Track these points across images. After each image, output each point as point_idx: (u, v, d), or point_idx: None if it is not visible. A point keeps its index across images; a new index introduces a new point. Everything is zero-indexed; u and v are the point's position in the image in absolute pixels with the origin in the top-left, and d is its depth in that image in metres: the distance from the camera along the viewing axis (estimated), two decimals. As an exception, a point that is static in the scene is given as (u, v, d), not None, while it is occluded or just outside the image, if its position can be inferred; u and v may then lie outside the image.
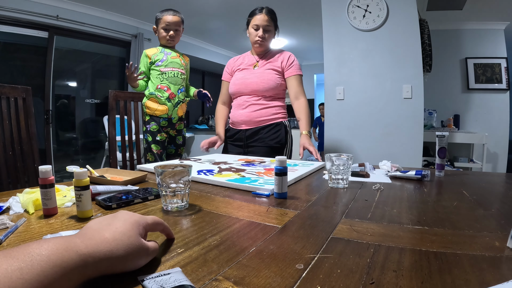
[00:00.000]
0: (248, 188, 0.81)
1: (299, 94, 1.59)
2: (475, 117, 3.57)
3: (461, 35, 3.59)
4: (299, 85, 1.60)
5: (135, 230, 0.37)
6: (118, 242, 0.34)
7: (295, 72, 1.60)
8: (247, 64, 1.66)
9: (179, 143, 1.97)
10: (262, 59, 1.64)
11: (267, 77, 1.57)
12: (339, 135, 2.55)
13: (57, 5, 3.19)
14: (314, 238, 0.47)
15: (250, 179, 0.88)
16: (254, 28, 1.55)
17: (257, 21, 1.54)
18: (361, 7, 2.38)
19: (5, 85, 1.24)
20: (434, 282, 0.34)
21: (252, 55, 1.68)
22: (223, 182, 0.87)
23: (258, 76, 1.58)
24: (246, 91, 1.60)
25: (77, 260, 0.29)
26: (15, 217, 0.57)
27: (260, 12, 1.54)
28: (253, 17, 1.56)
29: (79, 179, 0.56)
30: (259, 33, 1.54)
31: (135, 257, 0.36)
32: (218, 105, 1.78)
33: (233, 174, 0.97)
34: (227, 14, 3.86)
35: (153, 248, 0.39)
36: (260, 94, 1.58)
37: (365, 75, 2.42)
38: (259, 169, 1.06)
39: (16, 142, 1.25)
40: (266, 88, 1.56)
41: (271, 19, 1.55)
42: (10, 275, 0.24)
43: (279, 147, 1.56)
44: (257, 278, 0.35)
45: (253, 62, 1.65)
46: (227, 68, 1.74)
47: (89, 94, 3.99)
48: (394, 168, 1.07)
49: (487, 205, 0.67)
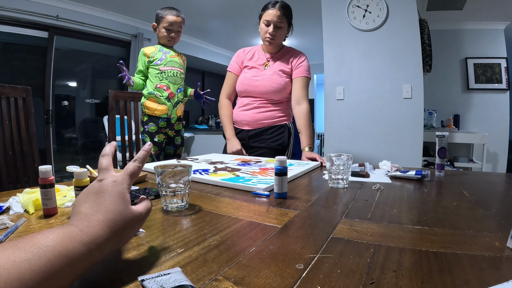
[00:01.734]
0: (241, 187, 0.82)
1: (301, 99, 1.49)
2: (475, 117, 3.57)
3: (461, 35, 3.59)
4: (303, 88, 1.50)
5: (124, 201, 0.38)
6: (114, 222, 0.35)
7: (302, 74, 1.51)
8: (257, 62, 1.56)
9: (177, 143, 1.97)
10: (273, 58, 1.54)
11: (276, 81, 1.50)
12: (339, 135, 2.55)
13: (57, 5, 3.19)
14: (314, 238, 0.47)
15: (244, 178, 0.89)
16: (265, 24, 1.44)
17: (269, 16, 1.41)
18: (361, 7, 2.38)
19: (5, 85, 1.24)
20: (434, 282, 0.34)
21: (263, 52, 1.57)
22: (217, 181, 0.88)
23: (267, 79, 1.50)
24: (253, 93, 1.53)
25: (82, 249, 0.30)
26: (15, 217, 0.57)
27: (273, 7, 1.41)
28: (265, 11, 1.44)
29: (79, 179, 0.56)
30: (270, 29, 1.42)
31: (131, 229, 0.38)
32: (221, 99, 1.62)
33: (228, 173, 0.98)
34: (227, 14, 3.86)
35: (146, 210, 0.41)
36: (267, 97, 1.52)
37: (365, 75, 2.42)
38: (254, 168, 1.07)
39: (16, 142, 1.25)
40: (275, 92, 1.50)
41: (284, 15, 1.42)
42: (18, 266, 0.24)
43: (281, 149, 1.52)
44: (257, 278, 0.35)
45: (263, 61, 1.55)
46: (236, 59, 1.61)
47: (89, 94, 4.00)
48: (394, 168, 1.07)
49: (487, 205, 0.67)
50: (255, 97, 1.54)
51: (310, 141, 1.44)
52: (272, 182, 0.83)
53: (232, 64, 1.62)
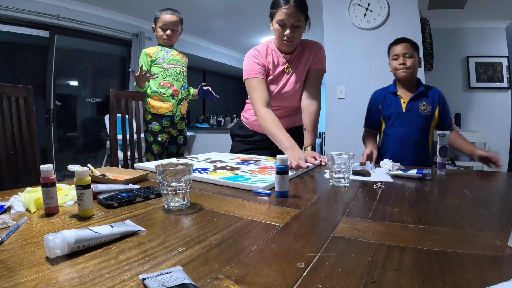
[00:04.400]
0: (240, 186, 0.82)
1: (315, 96, 1.36)
2: (477, 116, 3.56)
3: (463, 34, 3.58)
4: (318, 84, 1.38)
5: None
6: None
7: (317, 66, 1.37)
8: (278, 68, 1.37)
9: (180, 143, 1.97)
10: (292, 58, 1.38)
11: (300, 89, 1.39)
12: (340, 134, 2.54)
13: (58, 5, 3.19)
14: (315, 237, 0.48)
15: (243, 177, 0.89)
16: (280, 24, 1.24)
17: (283, 15, 1.20)
18: (362, 5, 2.38)
19: (6, 85, 1.24)
20: (435, 281, 0.34)
21: (279, 53, 1.37)
22: (216, 180, 0.88)
23: (292, 87, 1.38)
24: (276, 103, 1.41)
25: None
26: (16, 216, 0.57)
27: (287, 3, 1.19)
28: (278, 9, 1.21)
29: (80, 178, 0.57)
30: (287, 32, 1.24)
31: None
32: (260, 110, 1.28)
33: (227, 172, 0.98)
34: (229, 13, 3.85)
35: None
36: (291, 108, 1.45)
37: (366, 74, 2.42)
38: (254, 167, 1.07)
39: (18, 141, 1.26)
40: (298, 102, 1.40)
41: (301, 12, 1.22)
42: None
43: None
44: (258, 276, 0.35)
45: (283, 65, 1.37)
46: (258, 63, 1.34)
47: (90, 93, 3.99)
48: (395, 167, 1.07)
49: (488, 204, 0.67)
50: (278, 106, 1.43)
51: (313, 141, 1.35)
52: (271, 180, 0.84)
53: (256, 70, 1.33)
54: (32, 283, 0.33)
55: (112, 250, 0.42)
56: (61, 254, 0.40)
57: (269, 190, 0.77)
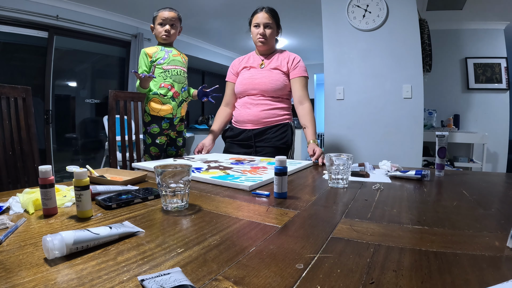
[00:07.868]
0: (227, 184, 0.84)
1: (303, 99, 1.55)
2: (475, 117, 3.57)
3: (461, 35, 3.59)
4: (303, 89, 1.57)
5: None
6: None
7: (300, 74, 1.57)
8: (253, 64, 1.64)
9: (179, 144, 1.96)
10: (267, 59, 1.62)
11: (275, 77, 1.56)
12: (339, 135, 2.55)
13: (57, 5, 3.19)
14: (314, 238, 0.47)
15: (233, 176, 0.91)
16: (255, 26, 1.55)
17: (258, 19, 1.54)
18: (361, 7, 2.38)
19: (5, 85, 1.24)
20: (434, 281, 0.34)
21: (257, 55, 1.66)
22: (207, 179, 0.90)
23: (266, 76, 1.56)
24: (253, 91, 1.58)
25: None
26: (15, 217, 0.57)
27: (261, 11, 1.55)
28: (254, 16, 1.56)
29: (79, 179, 0.56)
30: (260, 30, 1.53)
31: None
32: (221, 107, 1.75)
33: (219, 171, 0.99)
34: (227, 14, 3.85)
35: None
36: (268, 94, 1.57)
37: (365, 75, 2.42)
38: (246, 167, 1.09)
39: (16, 142, 1.25)
40: (274, 88, 1.55)
41: (272, 17, 1.54)
42: None
43: (285, 147, 1.55)
44: (257, 278, 0.35)
45: (259, 62, 1.63)
46: (231, 69, 1.72)
47: (89, 94, 3.99)
48: (394, 168, 1.07)
49: (487, 205, 0.67)
50: (255, 94, 1.59)
51: (315, 135, 1.49)
52: (259, 179, 0.86)
53: (229, 75, 1.74)
54: (31, 284, 0.33)
55: (111, 251, 0.42)
56: (59, 255, 0.39)
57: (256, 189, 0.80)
